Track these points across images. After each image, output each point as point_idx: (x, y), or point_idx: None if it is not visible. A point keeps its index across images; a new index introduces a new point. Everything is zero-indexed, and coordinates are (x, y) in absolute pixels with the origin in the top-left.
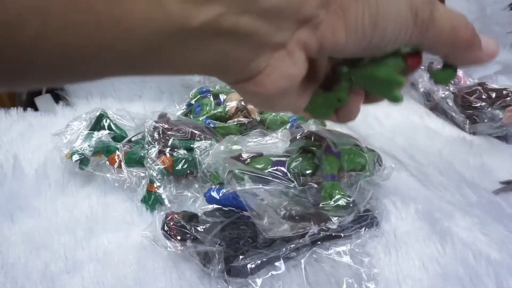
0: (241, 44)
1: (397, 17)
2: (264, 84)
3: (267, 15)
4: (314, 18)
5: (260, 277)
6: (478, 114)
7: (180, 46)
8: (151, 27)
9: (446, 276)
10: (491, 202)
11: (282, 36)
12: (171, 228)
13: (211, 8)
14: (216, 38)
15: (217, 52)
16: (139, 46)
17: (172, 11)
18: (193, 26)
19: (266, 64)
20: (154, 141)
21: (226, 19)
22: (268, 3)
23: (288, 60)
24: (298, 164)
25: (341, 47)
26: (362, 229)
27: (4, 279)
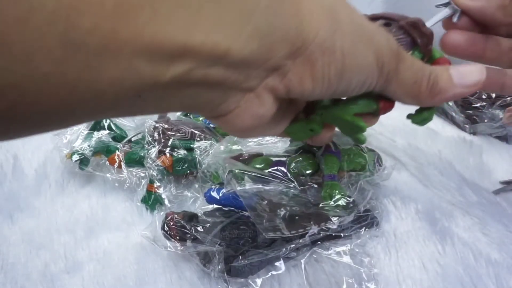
0: (211, 90)
1: (363, 69)
2: (233, 122)
3: (236, 67)
4: (282, 67)
5: (260, 277)
6: (478, 114)
7: (151, 97)
8: (122, 87)
9: (446, 276)
10: (491, 202)
11: (251, 83)
12: (171, 228)
13: (180, 65)
14: (186, 88)
15: (189, 96)
16: (111, 103)
17: (142, 71)
18: (164, 81)
19: (236, 106)
20: (154, 141)
21: (195, 72)
22: (236, 57)
23: (256, 102)
24: (298, 164)
25: (308, 94)
26: (362, 229)
27: (4, 279)
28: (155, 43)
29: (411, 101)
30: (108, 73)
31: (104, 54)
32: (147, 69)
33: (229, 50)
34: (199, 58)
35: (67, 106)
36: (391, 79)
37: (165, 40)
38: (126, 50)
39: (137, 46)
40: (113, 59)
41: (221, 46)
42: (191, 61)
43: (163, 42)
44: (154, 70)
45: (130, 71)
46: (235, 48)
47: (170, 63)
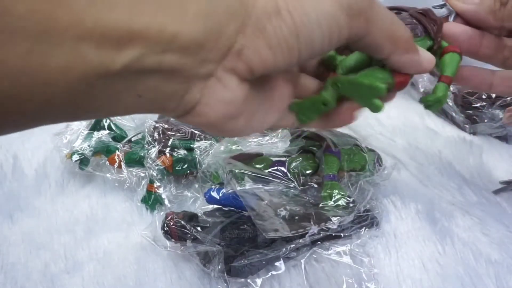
0: (170, 80)
1: (322, 20)
2: (204, 113)
3: (188, 51)
4: (234, 45)
5: (260, 277)
6: (478, 114)
7: (107, 89)
8: (71, 76)
9: (446, 276)
10: (491, 202)
11: (207, 67)
12: (171, 228)
13: (129, 52)
14: (142, 77)
15: (148, 90)
16: (62, 95)
17: (90, 58)
18: (115, 69)
19: (200, 95)
20: (154, 141)
21: (147, 59)
22: (186, 40)
23: (219, 86)
24: (298, 164)
25: (271, 65)
26: (362, 229)
27: (4, 279)
28: (98, 28)
29: (388, 47)
30: (53, 60)
31: (45, 39)
32: (95, 56)
33: (177, 33)
34: (148, 43)
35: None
36: (369, 19)
37: (108, 24)
38: (68, 35)
39: (79, 31)
40: (57, 45)
41: (168, 29)
42: (139, 46)
43: (106, 26)
44: (102, 57)
45: (77, 58)
46: (183, 31)
47: (118, 49)
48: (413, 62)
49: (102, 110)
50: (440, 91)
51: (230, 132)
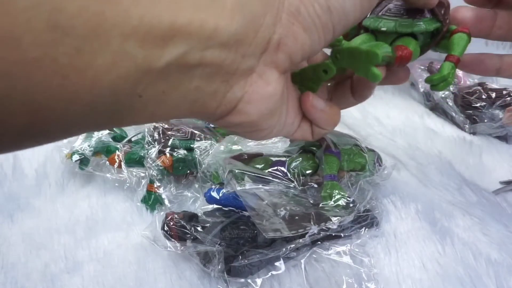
0: (212, 78)
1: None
2: (247, 111)
3: (228, 46)
4: (272, 36)
5: (260, 277)
6: (478, 114)
7: (150, 89)
8: (116, 74)
9: (446, 276)
10: (491, 202)
11: (249, 62)
12: (171, 228)
13: (173, 49)
14: (185, 76)
15: (190, 90)
16: (106, 96)
17: (134, 56)
18: (159, 67)
19: (242, 92)
20: (154, 141)
21: (190, 56)
22: (226, 34)
23: (261, 82)
24: (298, 164)
25: (308, 47)
26: (362, 229)
27: (4, 279)
28: (143, 25)
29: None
30: (100, 58)
31: (93, 37)
32: (139, 53)
33: (217, 27)
34: (190, 39)
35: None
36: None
37: (152, 21)
38: (115, 33)
39: (125, 29)
40: (104, 43)
41: (209, 23)
42: (182, 43)
43: (151, 23)
44: (146, 55)
45: (122, 56)
46: (223, 25)
47: (162, 46)
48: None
49: (145, 112)
50: (446, 69)
51: (264, 132)
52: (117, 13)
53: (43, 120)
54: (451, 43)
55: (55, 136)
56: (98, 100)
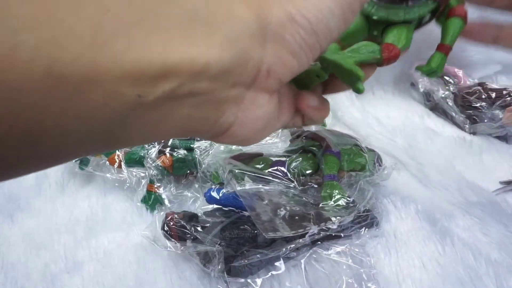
0: (203, 106)
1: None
2: (239, 133)
3: (218, 78)
4: (261, 67)
5: (260, 277)
6: (478, 114)
7: (140, 120)
8: (109, 111)
9: (446, 276)
10: (491, 202)
11: (239, 90)
12: (171, 228)
13: (164, 86)
14: (175, 105)
15: (182, 117)
16: (99, 129)
17: (126, 94)
18: (149, 101)
19: (234, 117)
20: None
21: (181, 89)
22: (215, 70)
23: (253, 107)
24: (298, 164)
25: (297, 68)
26: (362, 229)
27: (4, 279)
28: (135, 68)
29: None
30: (93, 98)
31: (87, 82)
32: (131, 92)
33: (207, 62)
34: (181, 75)
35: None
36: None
37: (144, 63)
38: (108, 77)
39: (118, 73)
40: (97, 86)
41: (199, 60)
42: (174, 79)
43: (143, 65)
44: (138, 92)
45: (115, 95)
46: (212, 60)
47: (154, 85)
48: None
49: (136, 139)
50: (435, 62)
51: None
52: (110, 59)
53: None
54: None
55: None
56: (91, 133)
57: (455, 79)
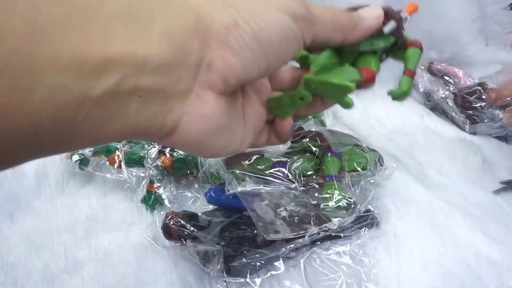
0: (149, 101)
1: (275, 24)
2: (186, 131)
3: (159, 71)
4: (203, 60)
5: (259, 276)
6: (478, 114)
7: (89, 117)
8: (54, 107)
9: (447, 276)
10: (491, 202)
11: (184, 84)
12: (171, 228)
13: (107, 79)
14: (122, 102)
15: (130, 115)
16: (47, 126)
17: (70, 88)
18: (95, 96)
19: (181, 113)
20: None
21: (124, 84)
22: (156, 61)
23: (198, 102)
24: (299, 165)
25: (241, 71)
26: (362, 230)
27: (4, 279)
28: (75, 60)
29: (338, 35)
30: (36, 93)
31: (27, 75)
32: (74, 85)
33: (146, 55)
34: (122, 68)
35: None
36: (312, 21)
37: (84, 55)
38: (48, 69)
39: (58, 65)
40: (39, 79)
41: (138, 53)
42: (115, 72)
43: (82, 57)
44: (82, 86)
45: (58, 89)
46: (151, 53)
47: (96, 77)
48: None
49: (87, 138)
50: (405, 84)
51: (213, 150)
52: (49, 50)
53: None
54: (406, 56)
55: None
56: (39, 131)
57: (455, 79)
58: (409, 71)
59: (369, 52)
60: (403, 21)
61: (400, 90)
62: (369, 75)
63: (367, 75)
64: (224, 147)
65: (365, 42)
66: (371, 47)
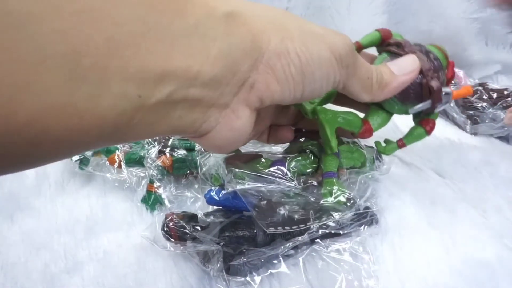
0: (192, 109)
1: (321, 63)
2: (215, 138)
3: (209, 85)
4: (248, 80)
5: (259, 275)
6: (479, 114)
7: (142, 121)
8: (116, 112)
9: (449, 273)
10: (492, 201)
11: (225, 99)
12: (170, 229)
13: (163, 89)
14: (170, 109)
15: (174, 119)
16: (109, 129)
17: (131, 97)
18: (150, 104)
19: (216, 123)
20: (154, 141)
21: (176, 94)
22: (207, 76)
23: (233, 116)
24: (298, 163)
25: (278, 96)
26: (362, 227)
27: (4, 279)
28: (140, 72)
29: (367, 96)
30: (105, 99)
31: (100, 84)
32: (134, 95)
33: (199, 71)
34: (177, 80)
35: (77, 133)
36: (351, 73)
37: (147, 69)
38: (116, 79)
39: (125, 76)
40: (108, 89)
41: (193, 68)
42: (171, 84)
43: (146, 70)
44: (141, 95)
45: (122, 96)
46: (205, 69)
47: (154, 87)
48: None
49: (135, 137)
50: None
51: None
52: (119, 63)
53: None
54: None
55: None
56: (102, 132)
57: (456, 79)
58: (402, 143)
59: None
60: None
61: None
62: (366, 133)
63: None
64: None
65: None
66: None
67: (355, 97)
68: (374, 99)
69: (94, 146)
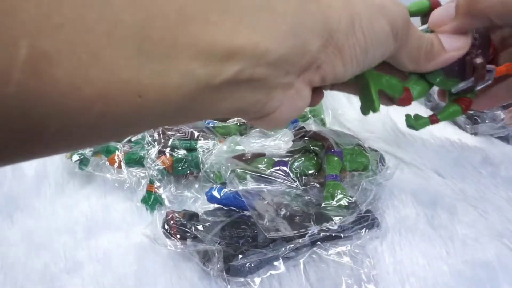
0: (256, 90)
1: (382, 41)
2: (278, 119)
3: (275, 64)
4: (316, 61)
5: (259, 276)
6: (480, 114)
7: (206, 100)
8: (183, 91)
9: (450, 275)
10: (492, 202)
11: (290, 79)
12: (171, 227)
13: (230, 68)
14: (236, 88)
15: (237, 99)
16: (173, 107)
17: (199, 75)
18: (217, 83)
19: (279, 103)
20: (154, 141)
21: (243, 73)
22: (274, 56)
23: (296, 96)
24: (300, 164)
25: (340, 77)
26: (363, 230)
27: (4, 279)
28: (208, 47)
29: (412, 66)
30: (171, 77)
31: (168, 60)
32: (202, 73)
33: (267, 49)
34: (244, 59)
35: (140, 112)
36: (402, 45)
37: (215, 44)
38: (183, 56)
39: (193, 51)
40: (175, 65)
41: (261, 45)
42: (238, 63)
43: (214, 46)
44: (208, 73)
45: (188, 75)
46: (273, 47)
47: (221, 66)
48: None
49: (194, 117)
50: (421, 125)
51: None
52: (187, 39)
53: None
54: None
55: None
56: (165, 112)
57: None
58: (435, 119)
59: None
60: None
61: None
62: (406, 101)
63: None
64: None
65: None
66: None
67: (399, 65)
68: (418, 70)
69: (155, 125)
